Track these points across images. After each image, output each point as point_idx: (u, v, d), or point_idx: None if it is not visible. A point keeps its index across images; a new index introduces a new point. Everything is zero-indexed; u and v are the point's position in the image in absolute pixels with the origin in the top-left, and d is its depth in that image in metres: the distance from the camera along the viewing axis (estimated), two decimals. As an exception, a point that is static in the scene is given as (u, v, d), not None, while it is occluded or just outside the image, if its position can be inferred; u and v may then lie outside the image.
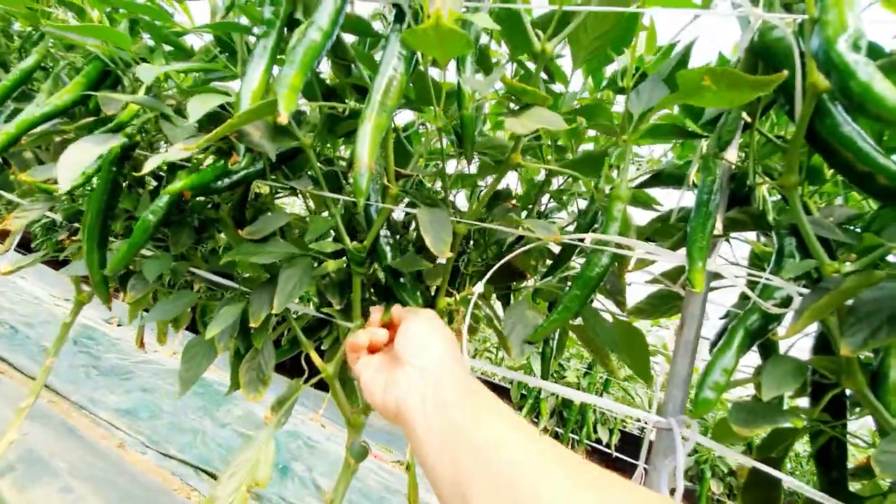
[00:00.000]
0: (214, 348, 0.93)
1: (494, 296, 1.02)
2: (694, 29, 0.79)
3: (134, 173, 0.86)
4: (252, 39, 0.88)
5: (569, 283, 0.89)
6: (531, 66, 0.79)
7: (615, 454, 3.55)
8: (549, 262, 0.91)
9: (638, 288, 0.92)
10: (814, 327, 0.67)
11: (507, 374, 0.75)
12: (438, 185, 1.08)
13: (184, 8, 1.04)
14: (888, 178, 0.49)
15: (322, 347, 0.97)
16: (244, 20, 0.91)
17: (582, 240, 0.64)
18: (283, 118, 0.55)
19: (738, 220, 0.71)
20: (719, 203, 0.65)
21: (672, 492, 0.55)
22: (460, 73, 0.70)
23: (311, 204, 1.02)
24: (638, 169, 1.05)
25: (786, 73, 0.40)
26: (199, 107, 0.65)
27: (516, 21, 0.62)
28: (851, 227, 0.63)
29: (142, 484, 2.34)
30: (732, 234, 0.77)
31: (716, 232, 0.65)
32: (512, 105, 0.62)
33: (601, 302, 0.81)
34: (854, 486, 0.67)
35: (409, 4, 0.63)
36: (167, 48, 1.01)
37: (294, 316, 0.95)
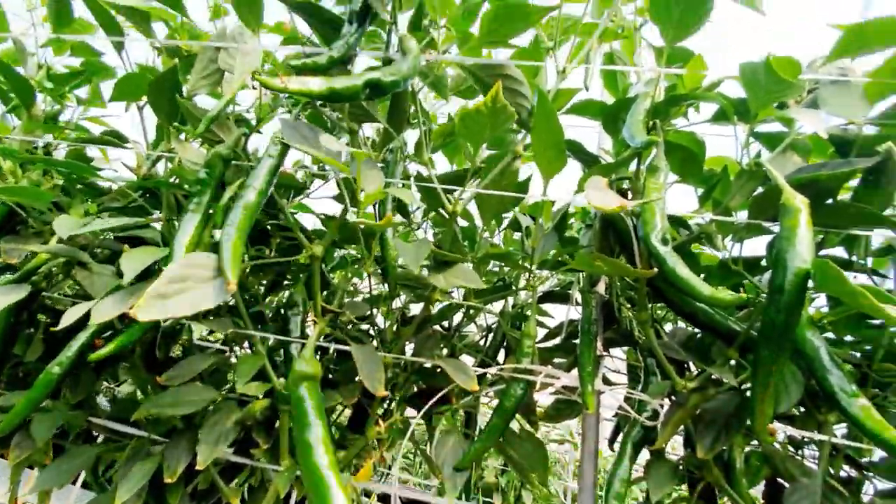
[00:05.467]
0: (114, 511, 0.84)
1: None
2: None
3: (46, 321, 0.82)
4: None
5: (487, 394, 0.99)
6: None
7: (541, 552, 3.47)
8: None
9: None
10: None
11: (431, 499, 0.80)
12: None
13: (102, 151, 1.07)
14: (704, 315, 0.68)
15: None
16: (168, 165, 0.96)
17: (495, 371, 0.74)
18: (233, 287, 0.60)
19: (613, 340, 0.87)
20: (598, 330, 0.81)
21: None
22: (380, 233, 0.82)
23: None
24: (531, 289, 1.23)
25: (655, 270, 0.56)
26: (134, 265, 0.67)
27: (432, 190, 0.76)
28: (690, 345, 0.82)
29: None
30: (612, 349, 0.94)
31: (598, 352, 0.80)
32: (435, 260, 0.74)
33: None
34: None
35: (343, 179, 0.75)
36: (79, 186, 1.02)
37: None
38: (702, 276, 0.82)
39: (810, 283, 0.49)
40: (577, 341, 0.97)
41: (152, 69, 1.00)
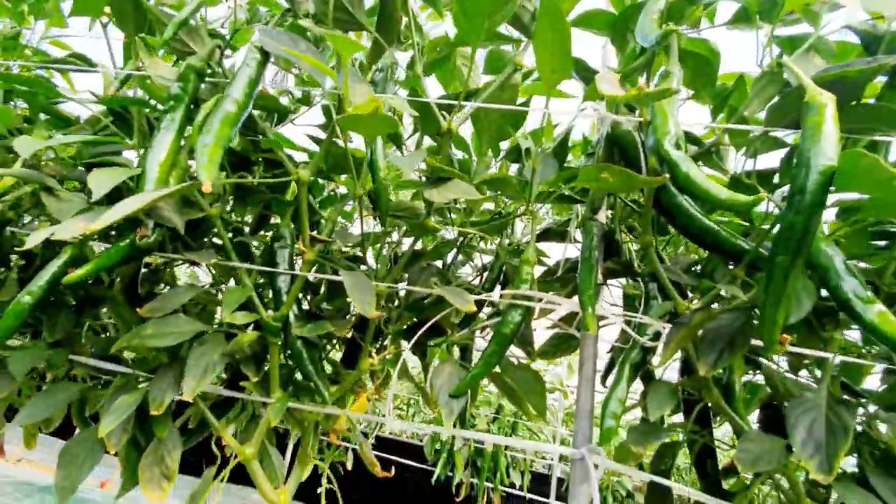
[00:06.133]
0: (100, 447, 0.82)
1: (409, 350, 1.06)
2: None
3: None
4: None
5: (479, 334, 0.97)
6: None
7: (528, 496, 3.63)
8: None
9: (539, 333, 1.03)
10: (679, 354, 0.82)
11: (424, 428, 0.78)
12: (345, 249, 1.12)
13: (66, 78, 0.98)
14: (712, 235, 0.65)
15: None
16: (140, 92, 0.89)
17: (494, 298, 0.72)
18: (208, 187, 0.56)
19: (613, 270, 0.85)
20: (598, 257, 0.78)
21: (590, 516, 0.62)
22: (370, 147, 0.77)
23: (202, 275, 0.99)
24: (525, 227, 1.20)
25: (667, 176, 0.52)
26: (104, 181, 0.62)
27: (427, 106, 0.71)
28: (693, 270, 0.80)
29: None
30: (610, 280, 0.92)
31: (598, 280, 0.78)
32: (428, 177, 0.69)
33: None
34: (727, 485, 0.80)
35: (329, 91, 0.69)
36: (44, 116, 0.94)
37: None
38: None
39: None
40: (576, 273, 0.95)
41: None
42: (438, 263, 1.04)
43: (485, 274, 1.13)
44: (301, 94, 0.98)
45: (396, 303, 0.90)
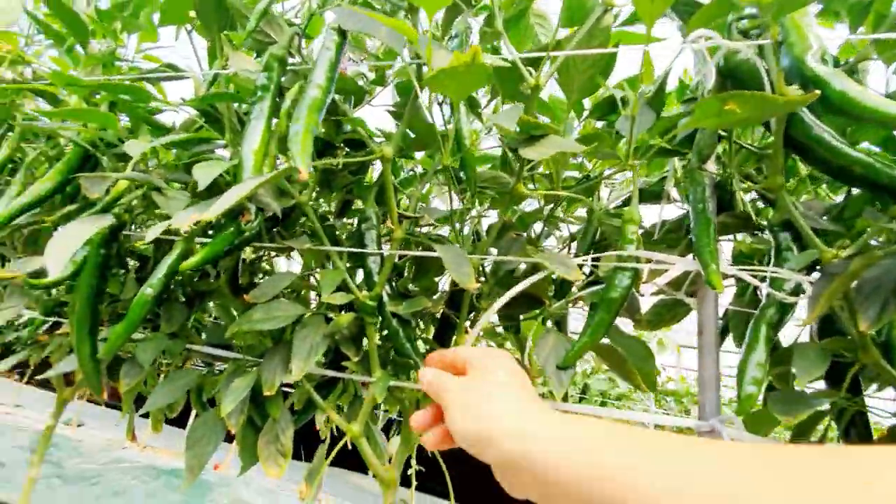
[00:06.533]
0: (221, 427, 0.87)
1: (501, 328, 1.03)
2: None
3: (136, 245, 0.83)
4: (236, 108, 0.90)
5: (575, 305, 0.92)
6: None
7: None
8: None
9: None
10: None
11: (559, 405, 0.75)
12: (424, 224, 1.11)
13: (159, 89, 1.05)
14: (863, 167, 0.55)
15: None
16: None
17: (596, 261, 0.66)
18: (305, 174, 0.56)
19: (727, 224, 0.76)
20: (713, 210, 0.70)
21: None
22: (455, 114, 0.74)
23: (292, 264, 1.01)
24: (611, 192, 1.12)
25: (818, 92, 0.44)
26: (207, 173, 0.65)
27: (505, 66, 0.67)
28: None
29: None
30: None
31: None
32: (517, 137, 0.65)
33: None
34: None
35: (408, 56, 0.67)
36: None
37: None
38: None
39: None
40: (677, 233, 0.87)
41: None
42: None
43: (572, 244, 1.07)
44: (374, 76, 0.97)
45: (487, 274, 0.87)
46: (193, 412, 1.20)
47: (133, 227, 1.02)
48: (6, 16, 0.93)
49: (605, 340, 0.75)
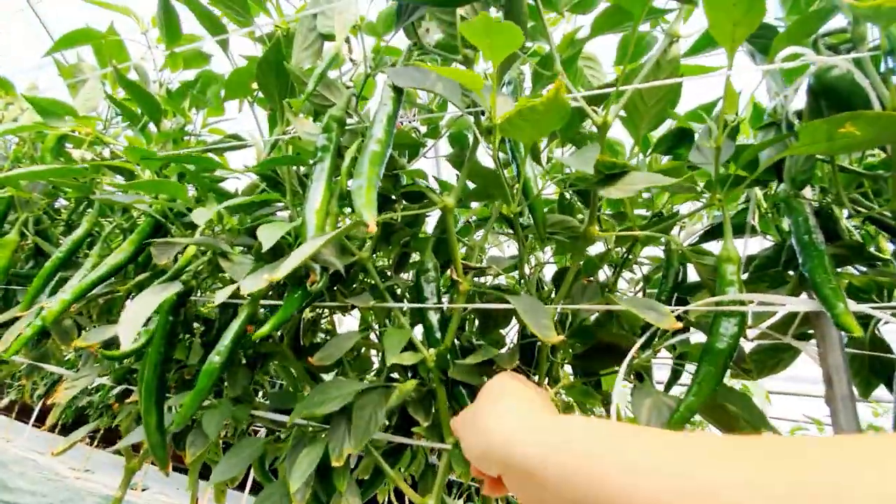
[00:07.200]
0: (288, 499, 0.83)
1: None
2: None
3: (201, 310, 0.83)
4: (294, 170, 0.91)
5: (660, 356, 0.83)
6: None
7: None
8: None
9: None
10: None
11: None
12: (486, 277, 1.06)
13: (223, 159, 1.10)
14: None
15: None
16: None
17: (693, 307, 0.59)
18: (373, 226, 0.53)
19: (837, 256, 0.67)
20: (822, 239, 0.62)
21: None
22: (520, 160, 0.71)
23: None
24: (682, 228, 1.04)
25: None
26: (270, 234, 0.64)
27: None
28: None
29: None
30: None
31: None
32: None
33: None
34: None
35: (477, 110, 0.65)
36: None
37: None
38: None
39: None
40: (767, 271, 0.78)
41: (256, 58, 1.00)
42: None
43: (644, 287, 0.99)
44: (427, 129, 0.97)
45: (560, 325, 0.81)
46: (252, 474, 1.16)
47: (199, 292, 1.03)
48: (88, 102, 1.01)
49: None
